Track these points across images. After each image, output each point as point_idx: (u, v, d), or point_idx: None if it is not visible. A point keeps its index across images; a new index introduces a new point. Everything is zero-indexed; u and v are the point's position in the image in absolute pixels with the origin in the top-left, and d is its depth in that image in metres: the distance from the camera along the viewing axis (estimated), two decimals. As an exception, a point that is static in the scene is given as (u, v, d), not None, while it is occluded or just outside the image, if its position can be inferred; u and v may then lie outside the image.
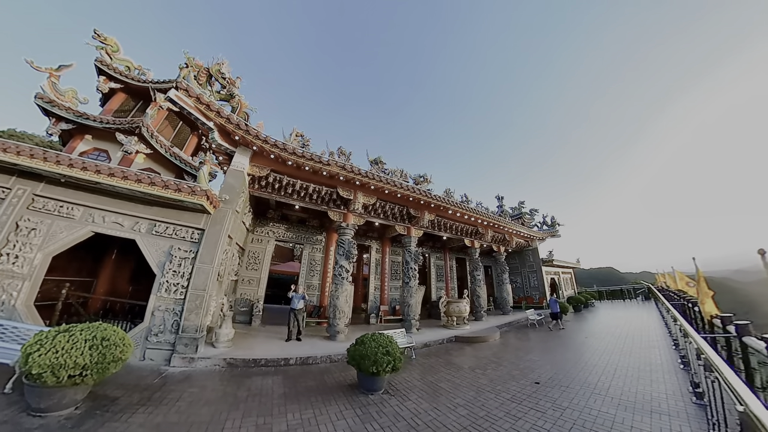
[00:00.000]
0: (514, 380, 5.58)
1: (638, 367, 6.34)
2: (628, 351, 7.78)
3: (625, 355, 7.36)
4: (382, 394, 4.83)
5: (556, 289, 19.53)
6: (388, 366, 4.69)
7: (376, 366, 4.64)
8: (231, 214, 7.03)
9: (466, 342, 9.27)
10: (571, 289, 21.74)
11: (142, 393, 4.40)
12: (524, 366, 6.57)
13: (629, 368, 6.26)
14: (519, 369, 6.35)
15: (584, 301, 18.01)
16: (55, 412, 3.52)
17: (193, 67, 6.41)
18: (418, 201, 10.68)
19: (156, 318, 5.89)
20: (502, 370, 6.23)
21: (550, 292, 18.10)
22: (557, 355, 7.60)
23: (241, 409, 4.10)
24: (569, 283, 21.53)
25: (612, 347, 8.23)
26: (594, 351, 7.88)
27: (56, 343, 3.52)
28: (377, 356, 4.69)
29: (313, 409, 4.19)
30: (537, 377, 5.75)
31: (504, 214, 18.39)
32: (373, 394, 4.80)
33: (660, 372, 5.94)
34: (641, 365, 6.47)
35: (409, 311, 10.36)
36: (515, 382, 5.47)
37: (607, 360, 6.95)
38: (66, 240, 5.86)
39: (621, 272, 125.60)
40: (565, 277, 20.96)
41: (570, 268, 21.88)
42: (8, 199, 5.62)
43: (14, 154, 5.36)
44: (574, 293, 21.81)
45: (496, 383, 5.42)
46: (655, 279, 19.39)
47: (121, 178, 5.72)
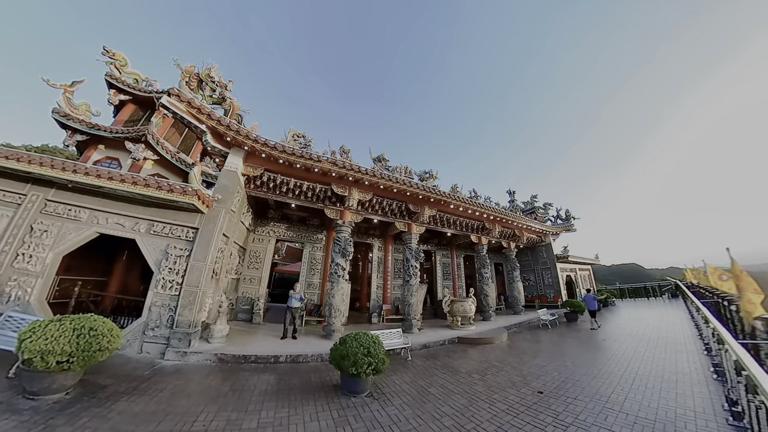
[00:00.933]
0: (515, 388, 5.14)
1: (662, 376, 5.56)
2: (650, 356, 6.96)
3: (646, 362, 6.51)
4: (365, 396, 4.67)
5: (572, 287, 18.47)
6: (368, 368, 4.50)
7: (356, 367, 4.47)
8: (224, 213, 7.34)
9: (469, 344, 8.90)
10: (589, 286, 20.38)
11: (130, 383, 4.68)
12: (528, 372, 6.06)
13: (651, 377, 5.51)
14: (522, 375, 5.86)
15: (603, 300, 16.86)
16: (47, 396, 3.84)
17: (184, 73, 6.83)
18: (416, 196, 10.56)
19: (153, 313, 6.26)
20: (503, 376, 5.81)
21: (566, 290, 17.12)
22: (568, 360, 6.95)
23: (218, 403, 4.21)
24: (587, 281, 20.23)
25: (632, 352, 7.47)
26: (611, 356, 7.15)
27: (47, 331, 3.84)
28: (357, 357, 4.52)
29: (289, 408, 4.15)
30: (541, 385, 5.25)
31: (515, 208, 17.74)
32: (355, 396, 4.64)
33: (688, 383, 5.17)
34: (666, 374, 5.66)
35: (410, 311, 10.20)
36: (515, 390, 5.02)
37: (625, 367, 6.20)
38: (74, 240, 6.39)
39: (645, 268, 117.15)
40: (582, 274, 19.74)
41: (588, 264, 20.58)
42: (24, 204, 6.23)
43: (27, 163, 5.96)
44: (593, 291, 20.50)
45: (494, 390, 5.02)
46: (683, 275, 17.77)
47: (119, 181, 6.16)
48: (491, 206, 13.24)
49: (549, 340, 9.44)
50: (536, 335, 10.27)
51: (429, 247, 15.69)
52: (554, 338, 9.65)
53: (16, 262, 5.91)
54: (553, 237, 17.47)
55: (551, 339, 9.57)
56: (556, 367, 6.34)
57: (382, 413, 4.13)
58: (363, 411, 4.18)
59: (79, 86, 9.10)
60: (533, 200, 18.33)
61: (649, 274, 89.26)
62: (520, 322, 12.25)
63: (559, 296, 16.19)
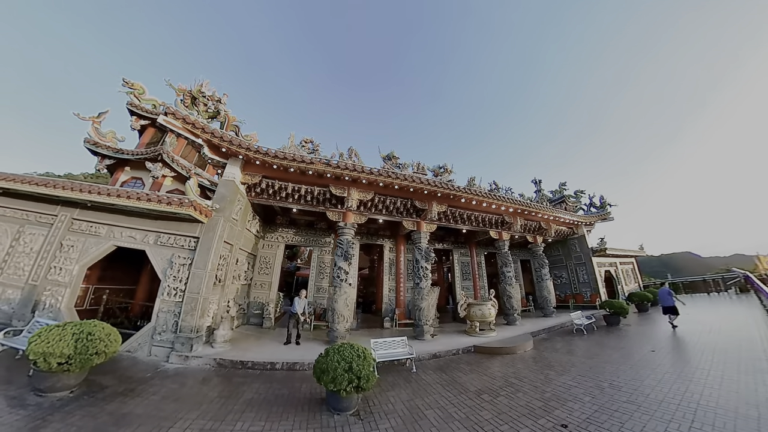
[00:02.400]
0: (532, 417, 4.19)
1: (736, 408, 4.14)
2: (717, 377, 5.38)
3: (712, 385, 4.99)
4: (351, 415, 4.36)
5: (613, 283, 16.31)
6: (348, 386, 4.16)
7: (335, 384, 4.18)
8: (224, 221, 7.76)
9: (486, 353, 8.02)
10: (633, 282, 17.87)
11: (130, 384, 5.08)
12: (553, 394, 5.01)
13: (720, 410, 4.13)
14: (543, 399, 4.82)
15: (651, 298, 14.49)
16: (52, 394, 4.32)
17: (177, 92, 7.44)
18: (420, 191, 10.19)
19: (160, 319, 6.81)
20: (520, 399, 4.86)
21: (605, 287, 15.16)
22: (605, 378, 5.65)
23: (200, 410, 4.33)
24: (631, 276, 17.73)
25: (691, 369, 5.93)
26: (662, 374, 5.71)
27: (49, 336, 4.33)
28: (337, 373, 4.20)
29: (266, 422, 4.08)
30: (566, 416, 4.21)
31: (541, 199, 16.32)
32: (339, 414, 4.36)
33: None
34: (741, 405, 4.22)
35: (420, 315, 9.70)
36: (531, 421, 4.09)
37: (682, 392, 4.77)
38: (95, 253, 7.23)
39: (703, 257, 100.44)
40: (625, 268, 17.34)
41: (631, 256, 18.05)
42: (55, 224, 7.22)
43: (53, 188, 6.92)
44: (639, 288, 17.89)
45: (504, 420, 4.15)
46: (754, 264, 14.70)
47: (125, 197, 6.85)
48: (510, 198, 12.29)
49: (583, 350, 8.17)
50: (568, 343, 9.00)
51: (445, 245, 15.08)
52: (590, 347, 8.33)
53: (49, 274, 6.86)
54: (587, 228, 15.71)
55: (586, 349, 8.26)
56: (588, 390, 5.17)
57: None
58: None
59: (104, 117, 10.43)
60: (562, 188, 16.72)
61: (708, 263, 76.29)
62: (549, 326, 11.07)
63: (596, 295, 14.45)
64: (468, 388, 5.47)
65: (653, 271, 34.22)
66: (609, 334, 9.90)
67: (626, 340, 8.91)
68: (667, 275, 22.94)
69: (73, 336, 4.45)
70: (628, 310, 11.44)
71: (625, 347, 8.11)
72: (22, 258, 6.91)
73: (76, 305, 8.48)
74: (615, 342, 8.77)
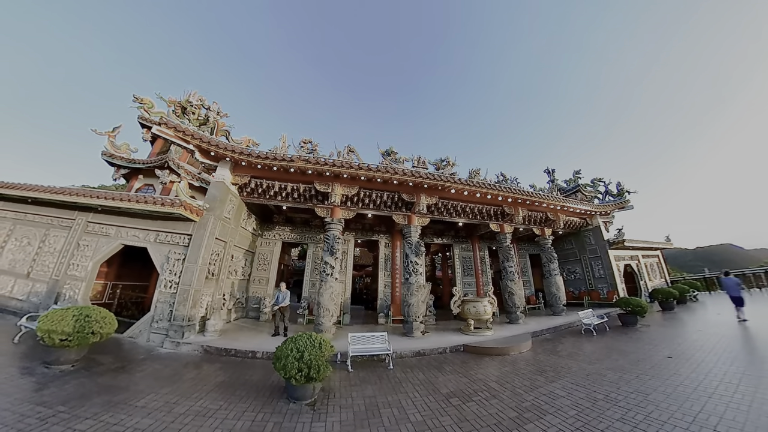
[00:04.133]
0: (497, 429, 3.86)
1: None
2: (748, 393, 4.49)
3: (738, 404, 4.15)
4: (306, 404, 4.49)
5: (634, 278, 15.09)
6: (298, 374, 4.29)
7: (285, 371, 4.36)
8: (214, 220, 8.58)
9: (476, 353, 7.68)
10: (659, 277, 16.32)
11: (123, 363, 5.92)
12: (533, 403, 4.57)
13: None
14: (521, 408, 4.42)
15: (677, 295, 13.21)
16: (56, 366, 5.22)
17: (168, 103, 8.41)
18: (405, 183, 10.39)
19: (158, 309, 7.73)
20: (492, 407, 4.50)
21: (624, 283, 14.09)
22: (601, 389, 5.02)
23: (171, 388, 4.94)
24: (656, 270, 16.22)
25: (713, 380, 5.01)
26: (673, 386, 4.88)
27: (54, 316, 5.27)
28: (288, 360, 4.40)
29: (225, 402, 4.48)
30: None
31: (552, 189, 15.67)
32: (295, 402, 4.50)
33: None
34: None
35: (410, 312, 9.68)
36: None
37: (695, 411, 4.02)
38: (106, 251, 8.38)
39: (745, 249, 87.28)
40: (649, 262, 15.95)
41: (655, 249, 16.55)
42: (73, 227, 8.51)
43: (68, 195, 8.16)
44: (665, 283, 16.34)
45: (463, 429, 3.88)
46: None
47: (127, 201, 7.89)
48: (506, 186, 12.03)
49: (587, 353, 7.50)
50: (572, 345, 8.38)
51: (445, 239, 15.06)
52: (595, 351, 7.61)
53: (68, 270, 8.10)
54: (603, 219, 14.79)
55: (590, 352, 7.55)
56: (577, 401, 4.56)
57: (306, 428, 3.89)
58: (288, 420, 4.05)
59: (118, 131, 11.92)
60: (576, 177, 15.89)
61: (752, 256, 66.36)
62: (555, 326, 10.48)
63: (614, 292, 13.56)
64: (440, 389, 5.24)
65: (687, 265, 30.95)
66: (622, 336, 9.13)
67: (640, 344, 8.11)
68: (704, 270, 20.70)
69: (73, 317, 5.33)
70: (647, 309, 10.59)
71: (637, 352, 7.31)
72: (48, 257, 8.23)
73: (95, 299, 9.84)
74: (626, 345, 8.03)
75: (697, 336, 8.41)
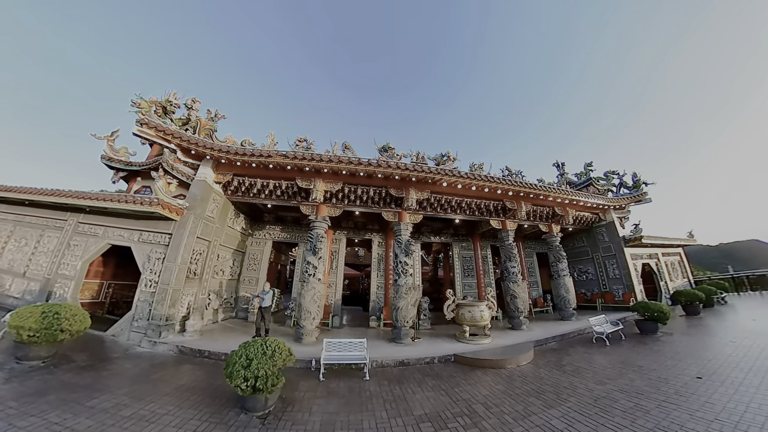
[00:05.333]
0: None
1: None
2: None
3: None
4: (258, 417, 4.29)
5: (654, 279, 13.73)
6: (244, 384, 4.10)
7: (231, 379, 4.18)
8: (194, 218, 8.79)
9: (467, 365, 7.04)
10: (681, 277, 14.72)
11: (94, 362, 6.13)
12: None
13: None
14: None
15: (702, 298, 11.90)
16: (26, 362, 5.47)
17: (149, 104, 8.74)
18: (391, 177, 10.10)
19: (138, 308, 8.00)
20: None
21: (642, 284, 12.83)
22: (611, 420, 4.26)
23: (131, 388, 5.02)
24: (678, 269, 14.68)
25: (761, 418, 4.11)
26: (708, 424, 4.04)
27: (23, 313, 5.55)
28: (234, 368, 4.23)
29: (175, 407, 4.47)
30: None
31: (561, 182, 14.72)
32: (246, 413, 4.33)
33: None
34: None
35: (398, 316, 9.26)
36: None
37: None
38: (94, 250, 8.82)
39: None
40: (670, 260, 14.50)
41: (677, 246, 15.03)
42: (65, 227, 9.04)
43: (58, 197, 8.69)
44: (689, 284, 14.69)
45: None
46: None
47: (109, 201, 8.27)
48: (507, 179, 11.41)
49: (597, 369, 6.51)
50: (581, 358, 7.45)
51: (443, 238, 14.59)
52: (608, 366, 6.64)
53: (59, 269, 8.61)
54: (617, 213, 13.65)
55: (602, 368, 6.57)
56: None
57: None
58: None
59: (117, 135, 12.58)
60: (588, 169, 14.82)
61: None
62: (563, 333, 9.64)
63: (631, 294, 12.50)
64: (413, 410, 4.73)
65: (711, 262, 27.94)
66: (640, 347, 8.14)
67: (662, 357, 7.10)
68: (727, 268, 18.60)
69: (41, 314, 5.58)
70: (669, 315, 9.50)
71: (658, 368, 6.29)
72: (42, 256, 8.79)
73: (92, 298, 10.40)
74: (645, 359, 7.03)
75: (731, 349, 7.38)
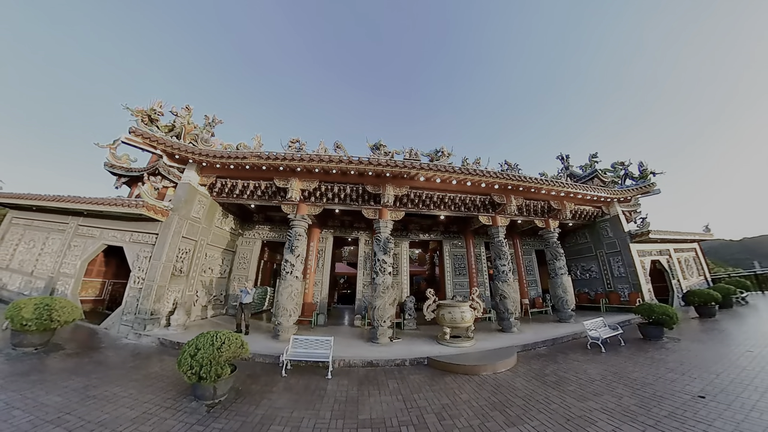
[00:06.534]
0: None
1: None
2: None
3: None
4: (206, 405, 4.66)
5: (665, 277, 12.99)
6: (189, 371, 4.52)
7: (179, 366, 4.63)
8: (178, 219, 9.58)
9: (440, 369, 6.88)
10: (697, 274, 13.70)
11: (81, 350, 6.96)
12: None
13: None
14: None
15: (718, 298, 11.13)
16: (21, 348, 6.35)
17: (135, 113, 9.64)
18: (365, 174, 10.37)
19: (127, 303, 8.87)
20: None
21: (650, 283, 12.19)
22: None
23: (104, 373, 5.67)
24: (693, 266, 13.67)
25: None
26: None
27: (18, 304, 6.46)
28: (183, 356, 4.69)
29: (136, 391, 5.00)
30: None
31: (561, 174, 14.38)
32: (197, 401, 4.73)
33: None
34: None
35: (375, 315, 9.36)
36: None
37: None
38: (91, 251, 9.86)
39: None
40: (683, 256, 13.55)
41: (691, 241, 14.08)
42: (67, 230, 10.18)
43: (59, 202, 9.81)
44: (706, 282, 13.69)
45: None
46: None
47: (101, 204, 9.25)
48: (492, 171, 11.28)
49: (584, 380, 5.95)
50: (568, 366, 6.91)
51: (433, 235, 14.72)
52: (597, 377, 6.05)
53: (62, 268, 9.72)
54: (624, 207, 13.09)
55: (589, 379, 5.98)
56: None
57: (181, 429, 4.02)
58: (173, 417, 4.26)
59: (118, 142, 13.83)
60: (592, 161, 14.34)
61: None
62: (555, 337, 9.22)
63: (637, 294, 11.94)
64: (361, 413, 4.66)
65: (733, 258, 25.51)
66: (639, 355, 7.49)
67: (662, 369, 6.36)
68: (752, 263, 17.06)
69: (34, 306, 6.46)
70: (676, 319, 8.80)
71: (655, 383, 5.58)
72: (47, 257, 9.96)
73: (95, 295, 11.54)
74: (641, 370, 6.34)
75: (747, 360, 6.53)
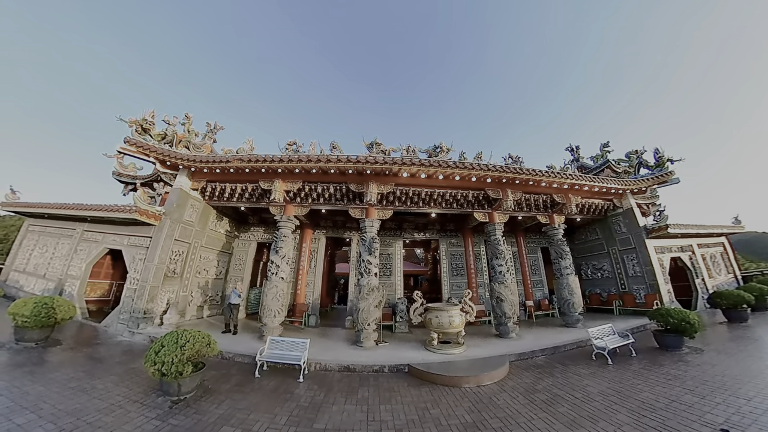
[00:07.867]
0: None
1: None
2: None
3: None
4: (172, 400, 5.02)
5: (688, 276, 11.90)
6: (152, 367, 4.92)
7: (145, 362, 5.01)
8: (170, 223, 10.36)
9: (419, 379, 6.58)
10: (725, 272, 12.31)
11: (77, 345, 7.77)
12: None
13: None
14: None
15: (751, 301, 10.10)
16: (23, 343, 7.21)
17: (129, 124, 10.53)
18: (346, 172, 10.57)
19: (124, 302, 9.72)
20: None
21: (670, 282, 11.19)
22: None
23: (90, 367, 6.32)
24: (720, 263, 12.32)
25: None
26: None
27: (20, 302, 7.36)
28: (148, 353, 5.08)
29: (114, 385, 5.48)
30: None
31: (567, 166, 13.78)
32: (163, 396, 5.09)
33: None
34: None
35: (359, 317, 9.36)
36: None
37: None
38: (95, 254, 10.91)
39: None
40: (709, 252, 12.28)
41: (717, 235, 12.76)
42: (74, 235, 11.33)
43: (65, 209, 10.95)
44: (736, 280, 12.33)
45: None
46: None
47: (98, 210, 10.22)
48: (481, 164, 11.01)
49: (580, 399, 5.23)
50: (566, 380, 6.18)
51: (428, 234, 14.67)
52: (596, 397, 5.30)
53: (69, 270, 10.84)
54: (638, 199, 12.31)
55: (587, 398, 5.27)
56: None
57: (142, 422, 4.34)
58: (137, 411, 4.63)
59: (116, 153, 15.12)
60: (604, 151, 13.58)
61: None
62: (557, 345, 8.61)
63: (655, 295, 11.14)
64: (316, 422, 4.65)
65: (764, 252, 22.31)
66: (652, 370, 6.55)
67: (678, 388, 5.38)
68: None
69: (33, 304, 7.31)
70: (698, 326, 7.74)
71: (667, 407, 4.70)
72: (57, 260, 11.14)
73: (102, 296, 12.68)
74: (653, 390, 5.41)
75: None
